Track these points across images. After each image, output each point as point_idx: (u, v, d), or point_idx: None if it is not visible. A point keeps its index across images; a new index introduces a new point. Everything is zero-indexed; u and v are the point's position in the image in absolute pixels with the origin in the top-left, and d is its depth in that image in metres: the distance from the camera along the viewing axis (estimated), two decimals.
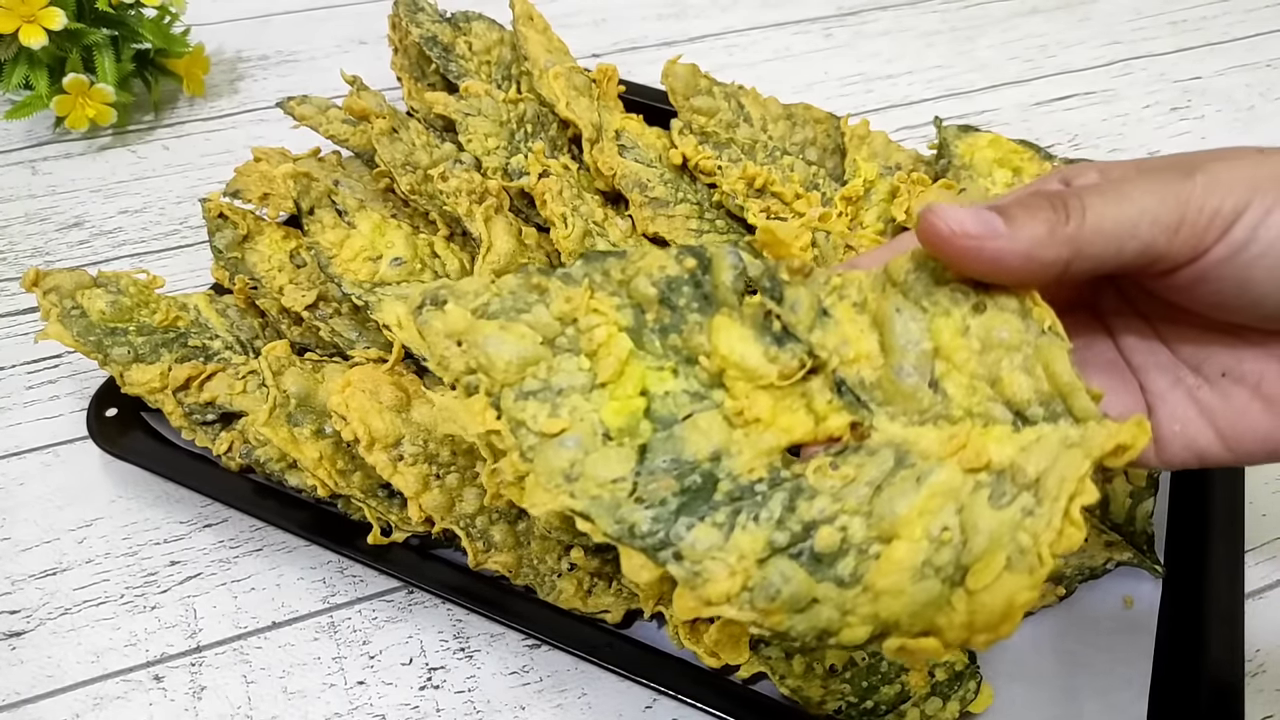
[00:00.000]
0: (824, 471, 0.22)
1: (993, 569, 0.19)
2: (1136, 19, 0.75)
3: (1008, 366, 0.22)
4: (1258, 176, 0.21)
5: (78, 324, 0.39)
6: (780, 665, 0.32)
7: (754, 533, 0.21)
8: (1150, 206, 0.21)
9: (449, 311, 0.23)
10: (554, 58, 0.50)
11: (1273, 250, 0.20)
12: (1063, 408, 0.21)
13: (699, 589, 0.20)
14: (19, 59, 0.55)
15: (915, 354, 0.23)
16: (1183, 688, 0.33)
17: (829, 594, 0.20)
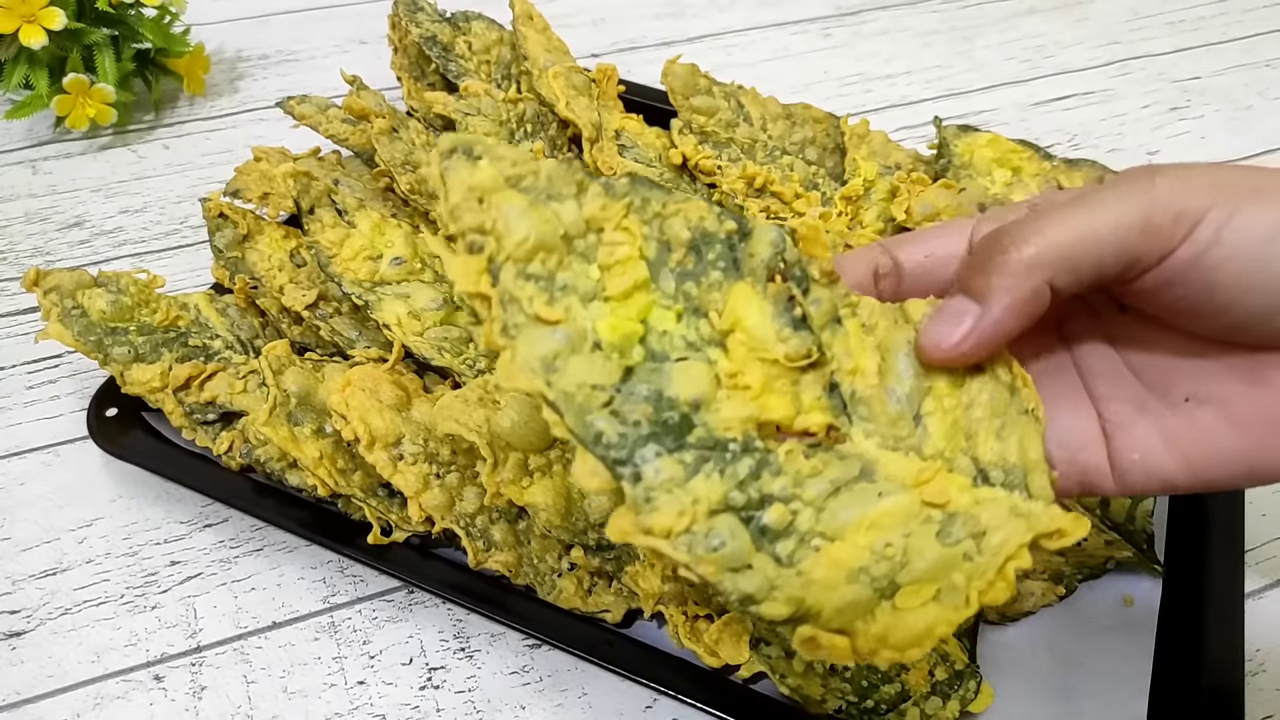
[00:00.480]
0: (795, 455, 0.22)
1: (923, 595, 0.20)
2: (1135, 19, 0.75)
3: (986, 428, 0.23)
4: (1216, 182, 0.21)
5: (78, 324, 0.39)
6: (780, 664, 0.32)
7: (715, 484, 0.21)
8: (1114, 209, 0.21)
9: (481, 167, 0.22)
10: (553, 57, 0.50)
11: (1237, 254, 0.21)
12: (1021, 480, 0.23)
13: (644, 515, 0.20)
14: (19, 59, 0.55)
15: (910, 385, 0.24)
16: (1182, 687, 0.33)
17: (764, 565, 0.20)
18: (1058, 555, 0.36)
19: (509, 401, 0.34)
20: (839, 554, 0.21)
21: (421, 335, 0.39)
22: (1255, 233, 0.21)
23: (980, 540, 0.21)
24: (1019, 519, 0.21)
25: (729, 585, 0.20)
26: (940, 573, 0.20)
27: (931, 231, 0.26)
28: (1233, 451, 0.23)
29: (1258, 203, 0.21)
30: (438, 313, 0.39)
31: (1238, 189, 0.21)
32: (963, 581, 0.20)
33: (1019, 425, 0.23)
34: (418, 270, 0.40)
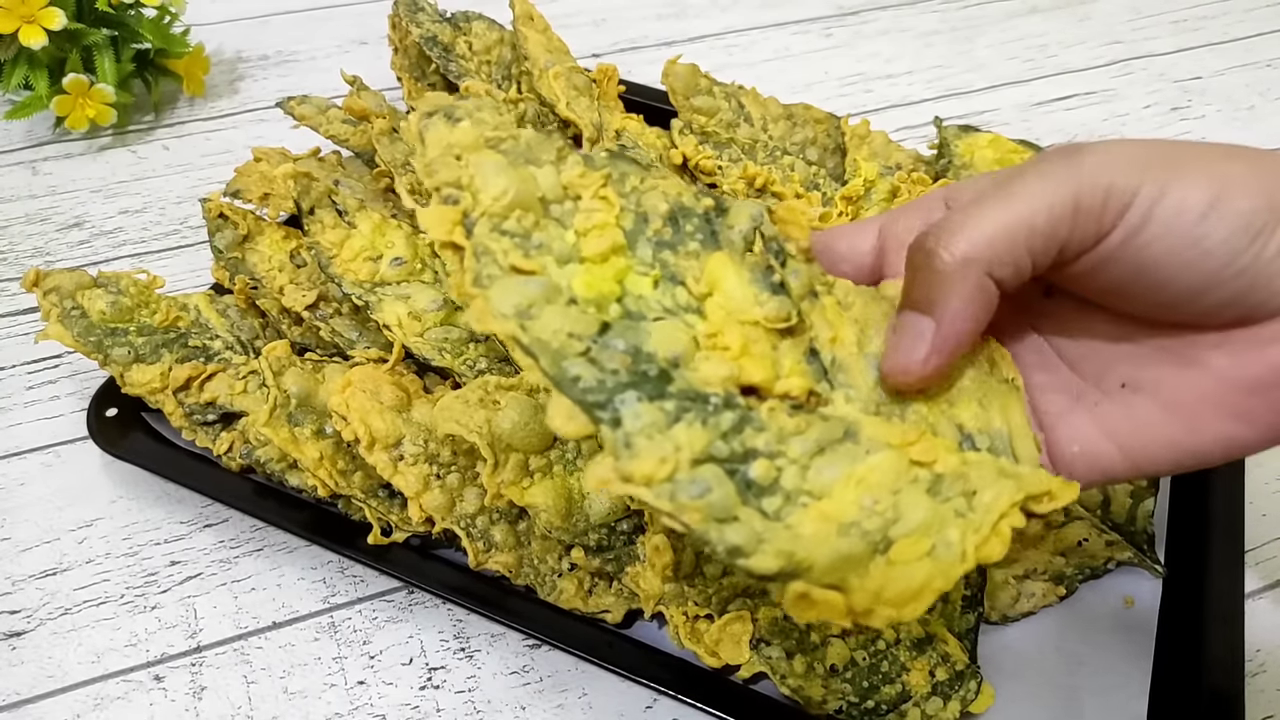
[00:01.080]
0: (777, 414, 0.21)
1: (918, 550, 0.19)
2: (1136, 18, 0.75)
3: (968, 396, 0.23)
4: (1145, 158, 0.21)
5: (78, 324, 0.39)
6: (781, 665, 0.32)
7: (698, 433, 0.20)
8: (1044, 194, 0.21)
9: (461, 127, 0.22)
10: (554, 57, 0.50)
11: (1169, 231, 0.20)
12: (1007, 446, 0.22)
13: (624, 462, 0.19)
14: (19, 59, 0.55)
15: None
16: (1183, 687, 0.33)
17: (751, 518, 0.20)
18: (1059, 556, 0.36)
19: (509, 402, 0.34)
20: (828, 509, 0.20)
21: (422, 336, 0.39)
22: (1188, 211, 0.20)
23: (971, 499, 0.21)
24: (1008, 479, 0.21)
25: (715, 536, 0.19)
26: (934, 528, 0.20)
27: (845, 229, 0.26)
28: (1168, 437, 0.23)
29: (1188, 179, 0.20)
30: (438, 313, 0.39)
31: (1167, 164, 0.21)
32: (957, 537, 0.20)
33: (1000, 393, 0.23)
34: (418, 271, 0.40)
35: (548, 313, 0.21)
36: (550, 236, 0.22)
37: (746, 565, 0.19)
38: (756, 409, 0.21)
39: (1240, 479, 0.38)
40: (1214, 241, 0.20)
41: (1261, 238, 0.20)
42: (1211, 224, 0.20)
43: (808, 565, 0.19)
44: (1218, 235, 0.20)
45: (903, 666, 0.32)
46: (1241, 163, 0.21)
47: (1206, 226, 0.20)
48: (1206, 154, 0.21)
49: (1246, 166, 0.21)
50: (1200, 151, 0.21)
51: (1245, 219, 0.20)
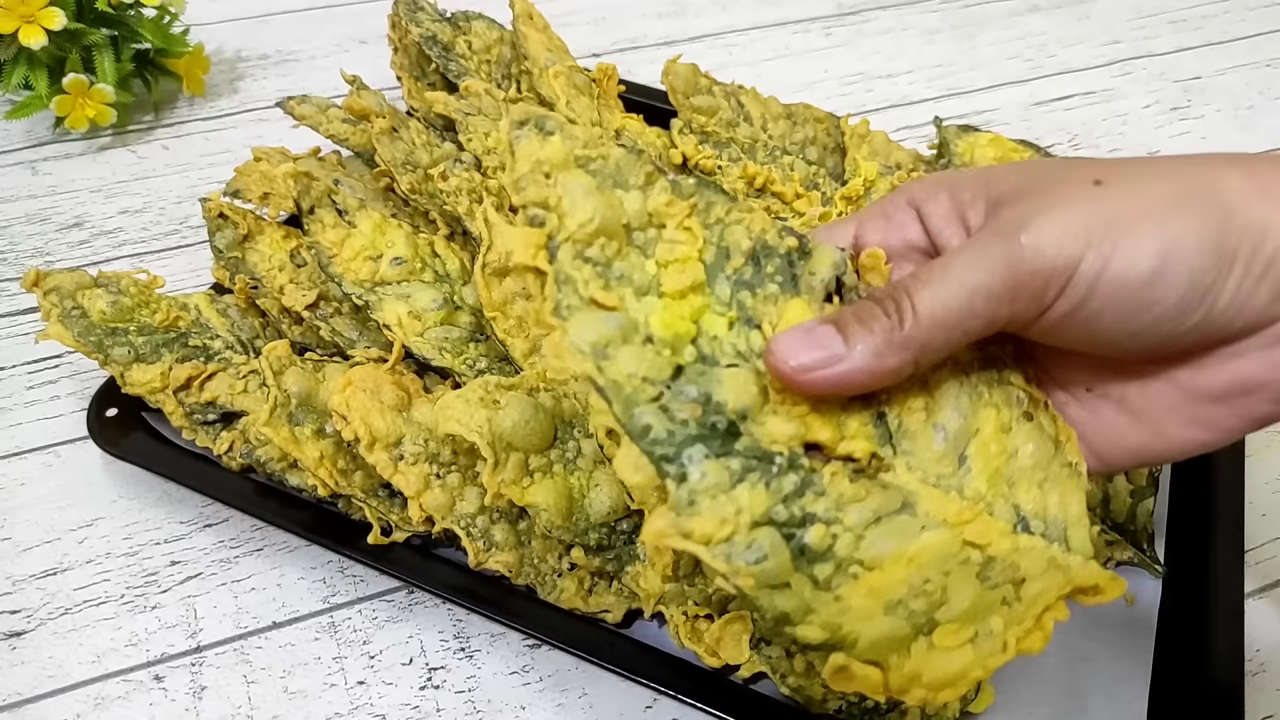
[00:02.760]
0: (839, 478, 0.22)
1: (961, 637, 0.20)
2: (1137, 18, 0.75)
3: (1029, 479, 0.23)
4: (1090, 223, 0.20)
5: (78, 324, 0.39)
6: (781, 664, 0.32)
7: (760, 495, 0.20)
8: (980, 282, 0.21)
9: (552, 142, 0.22)
10: (554, 56, 0.50)
11: (1114, 301, 0.20)
12: (1061, 534, 0.22)
13: (685, 519, 0.20)
14: (19, 59, 0.55)
15: (957, 424, 0.23)
16: (1183, 686, 0.33)
17: (802, 586, 0.20)
18: None
19: (510, 402, 0.34)
20: (877, 583, 0.20)
21: (422, 335, 0.39)
22: (1133, 278, 0.20)
23: (1019, 588, 0.21)
24: (1057, 570, 0.21)
25: (765, 602, 0.20)
26: (979, 615, 0.20)
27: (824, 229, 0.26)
28: (1134, 442, 0.23)
29: (1133, 244, 0.20)
30: (438, 313, 0.39)
31: (1111, 227, 0.20)
32: (1000, 627, 0.20)
33: (1061, 479, 0.23)
34: (418, 270, 0.40)
35: (624, 353, 0.21)
36: (631, 266, 0.22)
37: (793, 633, 0.20)
38: (819, 471, 0.22)
39: (1240, 479, 0.38)
40: (1164, 306, 0.20)
41: (1212, 293, 0.20)
42: (1159, 290, 0.20)
43: (852, 640, 0.20)
44: (1168, 300, 0.20)
45: None
46: (1190, 212, 0.20)
47: (1154, 293, 0.20)
48: (1155, 208, 0.20)
49: (1196, 216, 0.20)
50: (1148, 206, 0.20)
51: (1194, 278, 0.20)
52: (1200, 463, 0.39)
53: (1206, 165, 0.21)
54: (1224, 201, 0.20)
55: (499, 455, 0.33)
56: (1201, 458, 0.38)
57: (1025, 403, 0.24)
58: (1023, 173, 0.23)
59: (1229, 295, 0.20)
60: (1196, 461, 0.39)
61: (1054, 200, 0.21)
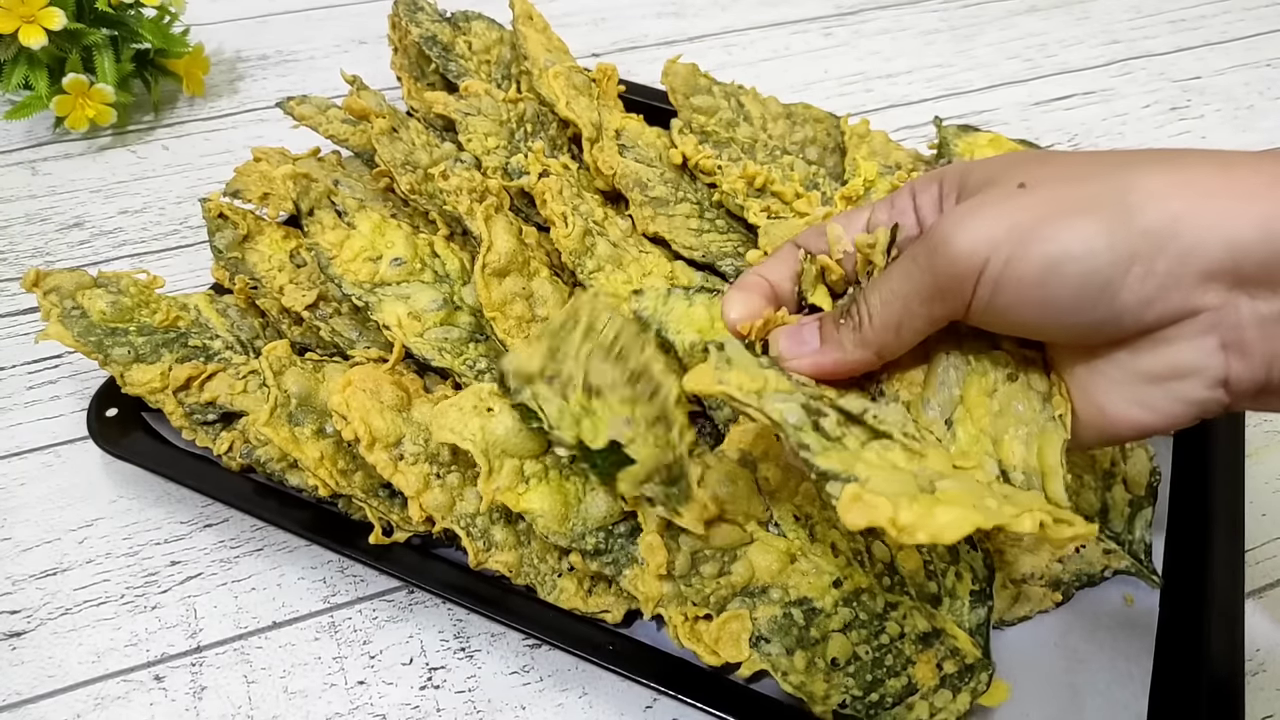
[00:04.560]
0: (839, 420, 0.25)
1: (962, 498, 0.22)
2: (1136, 17, 0.75)
3: (1012, 435, 0.25)
4: (995, 231, 0.23)
5: (78, 324, 0.39)
6: (782, 662, 0.32)
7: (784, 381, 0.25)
8: (911, 289, 0.25)
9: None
10: (554, 57, 0.50)
11: (1017, 299, 0.23)
12: (1039, 485, 0.25)
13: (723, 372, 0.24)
14: (19, 59, 0.55)
15: (945, 396, 0.27)
16: (1183, 686, 0.33)
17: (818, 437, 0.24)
18: (1056, 562, 0.36)
19: (503, 409, 0.34)
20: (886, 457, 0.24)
21: (422, 336, 0.39)
22: (1028, 278, 0.22)
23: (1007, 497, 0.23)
24: (1038, 499, 0.23)
25: (791, 432, 0.23)
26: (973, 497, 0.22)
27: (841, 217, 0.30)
28: (1084, 418, 0.25)
29: (1033, 244, 0.22)
30: (438, 313, 0.39)
31: (1020, 228, 0.22)
32: (995, 505, 0.22)
33: (1045, 432, 0.25)
34: (418, 271, 0.40)
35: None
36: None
37: (812, 459, 0.23)
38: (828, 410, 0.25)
39: (1240, 479, 0.38)
40: (1060, 302, 0.23)
41: (1110, 291, 0.22)
42: (1052, 289, 0.22)
43: (865, 478, 0.22)
44: (1062, 297, 0.22)
45: (908, 660, 0.32)
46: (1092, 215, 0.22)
47: (1047, 292, 0.22)
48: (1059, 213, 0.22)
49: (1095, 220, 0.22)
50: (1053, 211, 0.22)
51: (1086, 279, 0.22)
52: (1200, 463, 0.39)
53: (1129, 164, 0.23)
54: (1129, 203, 0.22)
55: (493, 463, 0.33)
56: (1202, 459, 0.39)
57: (1010, 364, 0.26)
58: (985, 170, 0.25)
59: (1131, 292, 0.22)
60: (1196, 462, 0.39)
61: (979, 204, 0.24)
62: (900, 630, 0.32)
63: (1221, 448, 0.39)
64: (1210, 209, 0.21)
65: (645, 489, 0.32)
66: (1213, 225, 0.21)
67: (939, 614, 0.33)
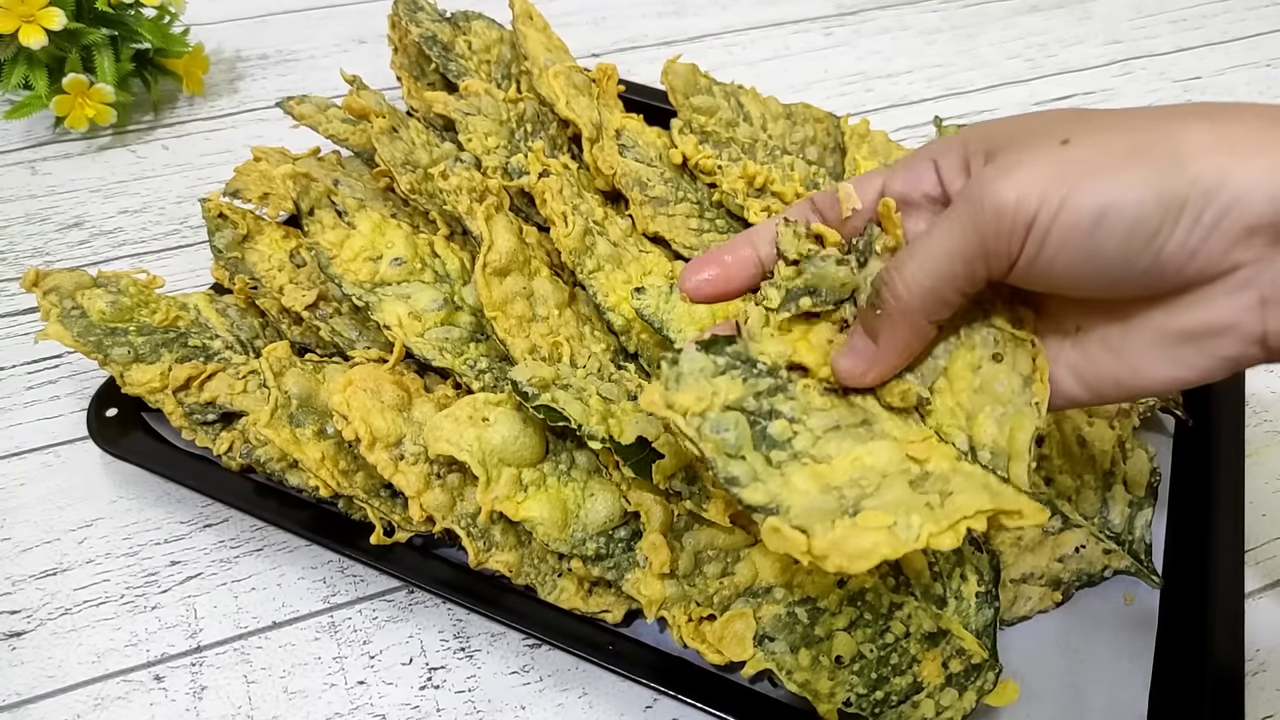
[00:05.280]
0: (810, 390, 0.27)
1: (881, 522, 0.23)
2: (1137, 17, 0.74)
3: (988, 413, 0.26)
4: (1043, 184, 0.22)
5: (78, 324, 0.39)
6: (786, 660, 0.32)
7: (736, 387, 0.25)
8: (955, 247, 0.24)
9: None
10: (554, 56, 0.50)
11: (1064, 249, 0.22)
12: (1004, 465, 0.25)
13: (670, 393, 0.25)
14: (18, 59, 0.55)
15: (930, 364, 0.27)
16: (1184, 686, 0.33)
17: (756, 461, 0.24)
18: (1057, 562, 0.36)
19: (498, 418, 0.34)
20: (822, 473, 0.24)
21: (422, 336, 0.38)
22: (1076, 230, 0.22)
23: (946, 499, 0.23)
24: (987, 492, 0.24)
25: (720, 466, 0.24)
26: (901, 510, 0.23)
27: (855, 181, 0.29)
28: (1116, 377, 0.25)
29: (1082, 194, 0.22)
30: (438, 313, 0.39)
31: (1067, 180, 0.22)
32: (918, 523, 0.22)
33: (1019, 415, 0.25)
34: (418, 271, 0.40)
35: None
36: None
37: (737, 494, 0.24)
38: (795, 382, 0.26)
39: (1240, 479, 0.38)
40: (1107, 252, 0.22)
41: (1158, 240, 0.22)
42: (1100, 238, 0.22)
43: (786, 507, 0.23)
44: (1110, 246, 0.22)
45: (914, 659, 0.32)
46: (1141, 163, 0.22)
47: (1096, 241, 0.22)
48: (1107, 162, 0.22)
49: (1145, 168, 0.22)
50: (1101, 161, 0.22)
51: (1135, 227, 0.22)
52: (1200, 463, 0.39)
53: (1174, 118, 0.22)
54: (1179, 153, 0.22)
55: (490, 472, 0.33)
56: (1202, 459, 0.39)
57: (999, 343, 0.26)
58: (1014, 128, 0.25)
59: (1176, 243, 0.22)
60: (1196, 461, 0.39)
61: (1021, 159, 0.23)
62: (905, 630, 0.32)
63: (1221, 448, 0.39)
64: (1257, 163, 0.21)
65: (673, 483, 0.33)
66: (1259, 179, 0.21)
67: (945, 615, 0.33)
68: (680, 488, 0.33)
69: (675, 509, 0.34)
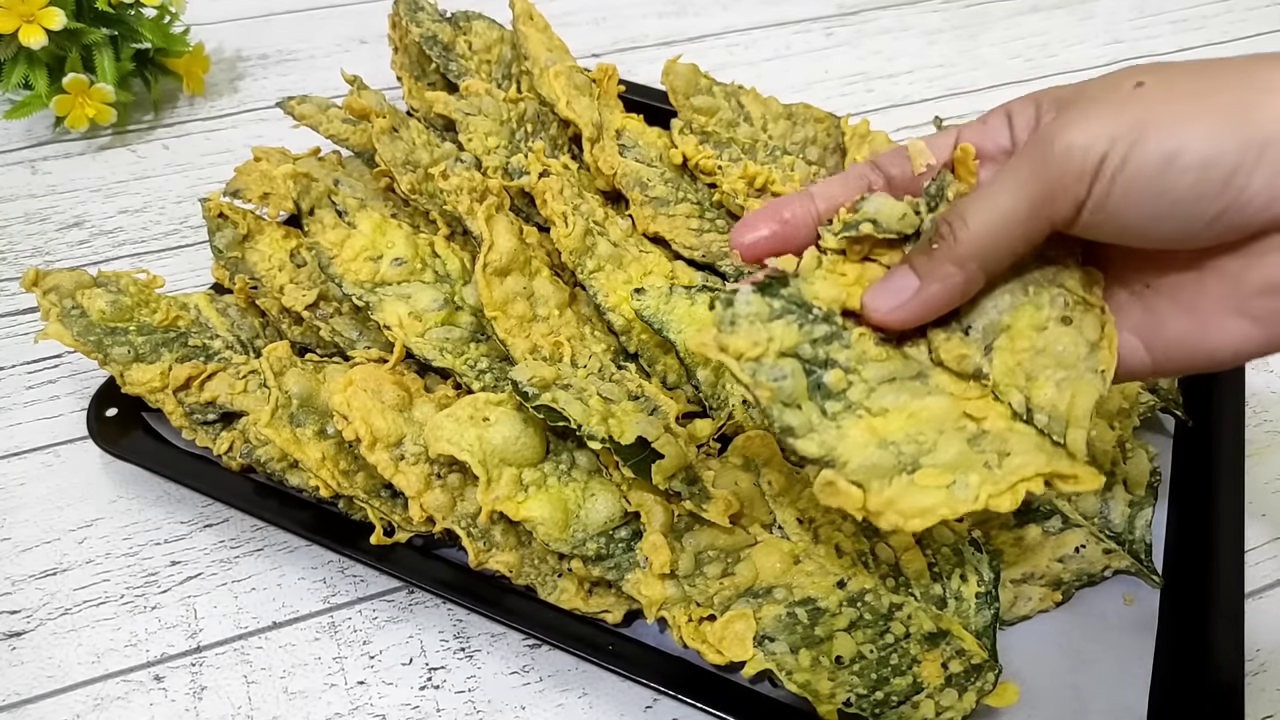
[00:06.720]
0: (866, 339, 0.25)
1: (938, 480, 0.22)
2: (1138, 17, 0.74)
3: (1049, 376, 0.25)
4: (1116, 125, 0.22)
5: (78, 324, 0.39)
6: (787, 660, 0.32)
7: (792, 332, 0.24)
8: (1022, 188, 0.23)
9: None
10: (554, 56, 0.50)
11: (1133, 190, 0.22)
12: (1061, 430, 0.24)
13: (724, 335, 0.24)
14: (18, 58, 0.55)
15: (991, 320, 0.26)
16: (1184, 687, 0.33)
17: (811, 411, 0.24)
18: (1057, 562, 0.36)
19: (499, 418, 0.34)
20: (878, 426, 0.24)
21: (423, 336, 0.38)
22: (1147, 169, 0.21)
23: (1003, 459, 0.23)
24: (1043, 454, 0.23)
25: (776, 414, 0.23)
26: (960, 469, 0.22)
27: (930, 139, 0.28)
28: (1184, 336, 0.24)
29: (1155, 133, 0.21)
30: (439, 313, 0.39)
31: (1140, 120, 0.22)
32: (976, 482, 0.22)
33: (1081, 381, 0.25)
34: (418, 271, 0.40)
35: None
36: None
37: (792, 445, 0.23)
38: (850, 330, 0.25)
39: (1240, 479, 0.38)
40: (1180, 193, 0.21)
41: (1237, 179, 0.21)
42: (1171, 179, 0.21)
43: (843, 461, 0.23)
44: (1182, 187, 0.21)
45: (914, 659, 0.32)
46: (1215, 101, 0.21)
47: (1167, 182, 0.21)
48: (1180, 101, 0.22)
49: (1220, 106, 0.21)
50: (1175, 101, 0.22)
51: (1210, 166, 0.21)
52: (1200, 463, 0.39)
53: (1254, 63, 0.22)
54: (1261, 90, 0.21)
55: (491, 472, 0.33)
56: (1202, 459, 0.39)
57: (1068, 306, 0.25)
58: (1090, 84, 0.24)
59: (1261, 182, 0.21)
60: (1196, 461, 0.39)
61: (1093, 105, 0.23)
62: (905, 630, 0.32)
63: (1222, 448, 0.39)
64: None
65: (673, 484, 0.32)
66: None
67: (945, 615, 0.33)
68: (680, 488, 0.33)
69: (676, 509, 0.34)
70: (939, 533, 0.34)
